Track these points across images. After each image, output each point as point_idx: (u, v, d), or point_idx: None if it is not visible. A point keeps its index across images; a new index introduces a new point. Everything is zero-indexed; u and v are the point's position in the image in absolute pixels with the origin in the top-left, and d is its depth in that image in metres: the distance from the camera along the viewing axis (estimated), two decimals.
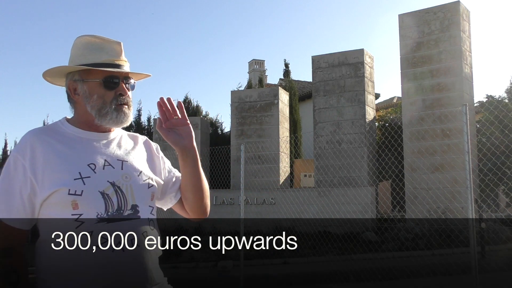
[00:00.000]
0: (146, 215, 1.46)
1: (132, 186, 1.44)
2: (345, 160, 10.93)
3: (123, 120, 1.48)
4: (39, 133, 1.44)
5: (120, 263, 1.36)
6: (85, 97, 1.46)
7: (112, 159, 1.46)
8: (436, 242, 8.52)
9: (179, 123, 1.51)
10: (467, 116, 4.47)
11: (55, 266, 1.36)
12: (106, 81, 1.46)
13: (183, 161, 1.54)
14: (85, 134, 1.48)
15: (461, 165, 9.40)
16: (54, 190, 1.35)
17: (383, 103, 20.56)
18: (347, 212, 10.25)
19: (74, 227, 1.34)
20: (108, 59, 1.47)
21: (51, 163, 1.38)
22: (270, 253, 8.52)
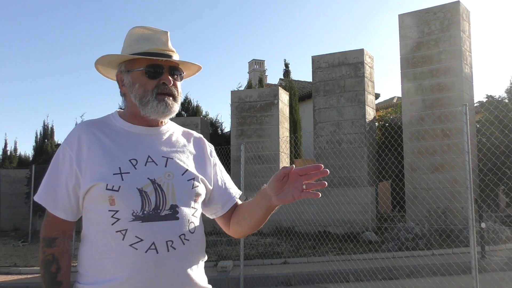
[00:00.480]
0: (186, 216, 1.39)
1: (174, 185, 1.39)
2: (345, 160, 10.93)
3: (164, 110, 1.42)
4: (88, 126, 1.43)
5: (153, 265, 1.31)
6: (129, 87, 1.45)
7: (156, 156, 1.42)
8: (436, 242, 8.52)
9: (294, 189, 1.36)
10: (467, 116, 4.47)
11: (92, 261, 1.35)
12: (148, 69, 1.42)
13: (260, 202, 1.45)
14: (133, 128, 1.45)
15: (461, 165, 9.40)
16: (94, 184, 1.34)
17: (383, 103, 20.56)
18: (347, 212, 10.25)
19: (110, 223, 1.32)
20: (152, 48, 1.44)
21: (94, 156, 1.37)
22: (270, 253, 8.53)
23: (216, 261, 7.65)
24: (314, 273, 6.75)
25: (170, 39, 1.48)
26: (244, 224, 1.57)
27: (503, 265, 6.65)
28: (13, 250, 10.71)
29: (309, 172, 1.34)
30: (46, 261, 1.37)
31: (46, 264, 1.37)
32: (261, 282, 6.66)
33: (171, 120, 1.58)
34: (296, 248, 9.05)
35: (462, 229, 8.57)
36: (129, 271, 1.30)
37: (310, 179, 1.35)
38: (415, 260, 7.10)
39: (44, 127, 19.82)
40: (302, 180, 1.35)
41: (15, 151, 21.24)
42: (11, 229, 15.25)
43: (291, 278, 6.71)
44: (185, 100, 18.44)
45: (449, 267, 6.50)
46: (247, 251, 8.36)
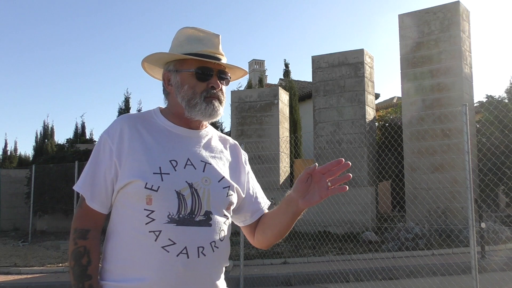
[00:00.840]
0: (218, 224, 1.39)
1: (210, 191, 1.38)
2: (345, 160, 10.92)
3: (211, 113, 1.41)
4: (131, 119, 1.42)
5: (182, 270, 1.30)
6: (176, 88, 1.44)
7: (195, 159, 1.41)
8: (436, 242, 8.52)
9: (320, 188, 1.35)
10: (467, 116, 4.47)
11: (120, 258, 1.33)
12: (198, 71, 1.42)
13: (286, 209, 1.43)
14: (175, 128, 1.44)
15: (461, 165, 9.41)
16: (132, 180, 1.32)
17: (383, 103, 20.55)
18: (347, 212, 10.25)
19: (144, 222, 1.30)
20: (204, 50, 1.43)
21: (135, 151, 1.35)
22: (270, 253, 8.53)
23: None
24: (314, 273, 6.75)
25: (221, 43, 1.47)
26: (269, 232, 1.55)
27: (503, 265, 6.65)
28: (13, 250, 10.70)
29: (332, 168, 1.34)
30: (77, 253, 1.34)
31: (77, 255, 1.34)
32: (261, 282, 6.66)
33: None
34: (296, 248, 9.05)
35: (462, 229, 8.57)
36: (158, 272, 1.29)
37: (334, 175, 1.35)
38: (415, 260, 7.11)
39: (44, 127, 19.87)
40: (325, 178, 1.35)
41: (15, 151, 21.29)
42: (11, 229, 15.25)
43: (291, 278, 6.71)
44: None
45: (449, 267, 6.50)
46: (247, 251, 8.36)
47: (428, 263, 6.77)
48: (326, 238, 9.01)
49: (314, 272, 6.81)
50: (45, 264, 8.46)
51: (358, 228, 10.32)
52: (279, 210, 1.48)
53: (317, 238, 9.07)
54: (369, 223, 10.52)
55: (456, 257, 6.83)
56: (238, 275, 6.45)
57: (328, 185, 1.35)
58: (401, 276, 6.61)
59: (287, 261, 7.81)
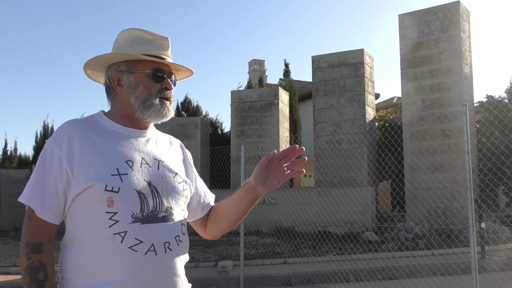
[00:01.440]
0: (179, 218, 1.42)
1: (167, 188, 1.40)
2: (345, 160, 10.93)
3: (165, 113, 1.44)
4: (77, 124, 1.39)
5: (152, 267, 1.31)
6: (130, 88, 1.43)
7: (149, 158, 1.42)
8: (436, 242, 8.52)
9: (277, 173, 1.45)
10: (467, 116, 4.47)
11: (83, 265, 1.30)
12: (154, 73, 1.43)
13: (244, 196, 1.51)
14: (124, 130, 1.44)
15: (461, 165, 9.41)
16: (90, 185, 1.29)
17: (383, 103, 20.55)
18: (347, 212, 10.25)
19: (107, 225, 1.29)
20: (157, 52, 1.45)
21: (88, 156, 1.33)
22: (270, 253, 8.52)
23: (216, 261, 7.65)
24: (314, 273, 6.75)
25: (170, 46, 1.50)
26: (224, 221, 1.60)
27: (503, 265, 6.65)
28: (13, 250, 10.70)
29: (287, 154, 1.44)
30: (33, 268, 1.29)
31: (32, 271, 1.29)
32: (261, 282, 6.65)
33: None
34: (296, 248, 9.05)
35: (462, 229, 8.57)
36: (128, 273, 1.28)
37: (290, 160, 1.45)
38: (415, 260, 7.11)
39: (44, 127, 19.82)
40: (282, 163, 1.45)
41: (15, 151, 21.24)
42: (11, 229, 15.25)
43: (291, 278, 6.71)
44: (185, 100, 18.44)
45: (449, 267, 6.50)
46: (247, 251, 8.36)
47: (428, 263, 6.77)
48: (326, 238, 9.01)
49: (314, 272, 6.81)
50: None
51: (358, 228, 10.32)
52: (236, 198, 1.54)
53: (317, 238, 9.07)
54: (369, 223, 10.52)
55: (456, 257, 6.83)
56: (238, 275, 6.45)
57: (285, 170, 1.45)
58: (401, 276, 6.61)
59: (287, 261, 7.81)
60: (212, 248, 9.26)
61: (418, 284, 6.07)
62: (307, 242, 9.37)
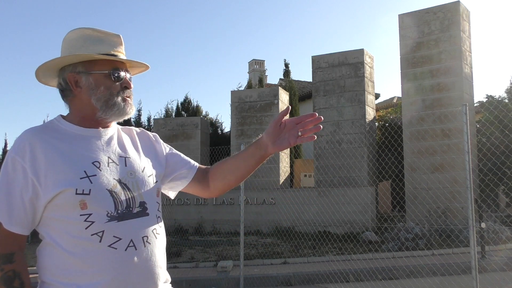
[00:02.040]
0: (154, 211, 1.43)
1: (138, 183, 1.41)
2: (345, 160, 10.93)
3: (128, 111, 1.45)
4: (37, 132, 1.37)
5: (133, 262, 1.32)
6: (90, 89, 1.41)
7: (114, 156, 1.42)
8: (436, 242, 8.52)
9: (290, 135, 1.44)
10: (467, 116, 4.47)
11: (62, 269, 1.31)
12: (113, 73, 1.42)
13: (254, 152, 1.52)
14: (85, 131, 1.43)
15: (461, 165, 9.40)
16: (60, 191, 1.29)
17: (383, 103, 20.55)
18: (347, 212, 10.25)
19: (83, 228, 1.29)
20: (112, 50, 1.44)
21: (53, 162, 1.31)
22: (270, 253, 8.52)
23: (216, 261, 7.64)
24: (314, 273, 6.75)
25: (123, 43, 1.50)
26: (230, 177, 1.61)
27: (503, 265, 6.65)
28: None
29: (305, 120, 1.43)
30: (7, 278, 1.30)
31: (7, 281, 1.30)
32: (261, 282, 6.65)
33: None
34: (296, 248, 9.05)
35: (462, 229, 8.57)
36: (111, 272, 1.29)
37: (306, 127, 1.44)
38: (415, 260, 7.10)
39: None
40: (298, 128, 1.44)
41: None
42: None
43: (291, 278, 6.71)
44: (185, 100, 18.45)
45: (449, 267, 6.50)
46: (247, 251, 8.36)
47: (428, 263, 6.77)
48: (326, 238, 9.01)
49: (314, 272, 6.81)
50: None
51: (358, 228, 10.31)
52: (246, 153, 1.54)
53: (317, 238, 9.07)
54: (369, 223, 10.52)
55: (456, 257, 6.83)
56: (238, 275, 6.45)
57: (298, 134, 1.44)
58: (401, 276, 6.60)
59: (287, 261, 7.81)
60: (212, 248, 9.25)
61: (418, 284, 6.07)
62: (307, 242, 9.37)
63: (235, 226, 11.10)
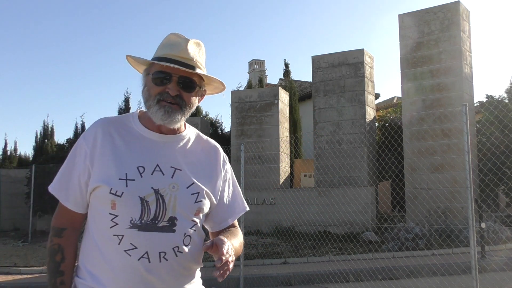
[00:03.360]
0: (183, 229, 1.39)
1: (176, 197, 1.37)
2: (345, 160, 10.93)
3: (162, 117, 1.37)
4: (106, 124, 1.44)
5: (144, 273, 1.33)
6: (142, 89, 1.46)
7: (165, 165, 1.40)
8: (436, 242, 8.52)
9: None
10: (467, 116, 4.47)
11: (89, 257, 1.39)
12: (154, 76, 1.41)
13: None
14: (147, 133, 1.44)
15: (461, 165, 9.40)
16: (98, 185, 1.36)
17: (383, 103, 20.55)
18: (347, 212, 10.25)
19: (109, 226, 1.35)
20: (167, 53, 1.40)
21: (104, 156, 1.38)
22: (270, 253, 8.53)
23: None
24: (314, 273, 6.75)
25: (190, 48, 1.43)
26: None
27: (503, 265, 6.65)
28: (13, 250, 10.70)
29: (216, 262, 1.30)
30: (52, 250, 1.41)
31: (51, 252, 1.41)
32: (261, 282, 6.65)
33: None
34: (296, 248, 9.05)
35: (462, 229, 8.57)
36: (121, 275, 1.33)
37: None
38: (415, 260, 7.11)
39: (44, 127, 19.81)
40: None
41: (15, 151, 21.23)
42: (11, 229, 15.24)
43: (291, 278, 6.71)
44: None
45: (449, 267, 6.50)
46: (247, 251, 8.36)
47: (428, 263, 6.77)
48: (326, 238, 9.01)
49: (314, 272, 6.81)
50: (45, 264, 8.43)
51: (358, 228, 10.31)
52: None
53: (317, 238, 9.07)
54: (369, 223, 10.52)
55: (456, 257, 6.83)
56: (238, 275, 6.45)
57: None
58: (401, 276, 6.60)
59: (287, 261, 7.81)
60: None
61: (418, 284, 6.07)
62: (307, 242, 9.37)
63: None
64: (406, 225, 9.11)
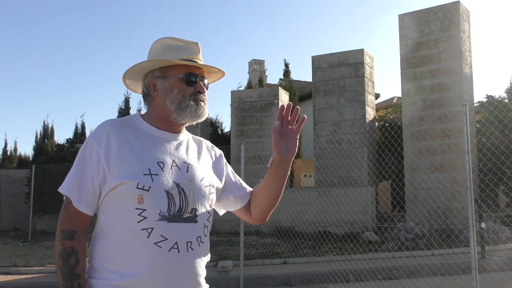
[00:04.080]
0: (203, 220, 1.50)
1: (194, 190, 1.49)
2: (345, 160, 10.93)
3: (201, 114, 1.52)
4: (116, 124, 1.49)
5: (174, 264, 1.39)
6: (165, 92, 1.51)
7: (179, 161, 1.51)
8: (436, 242, 8.52)
9: (290, 135, 1.55)
10: (467, 116, 4.47)
11: (111, 256, 1.40)
12: (187, 77, 1.51)
13: (275, 171, 1.58)
14: (158, 133, 1.53)
15: (461, 165, 9.40)
16: (123, 182, 1.39)
17: (383, 103, 20.54)
18: (347, 212, 10.25)
19: (136, 221, 1.38)
20: (188, 56, 1.53)
21: (123, 155, 1.42)
22: (270, 253, 8.52)
23: (216, 261, 7.65)
24: (314, 273, 6.75)
25: (201, 50, 1.57)
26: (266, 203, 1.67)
27: (503, 265, 6.65)
28: (13, 250, 10.70)
29: (286, 118, 1.54)
30: (65, 253, 1.40)
31: (65, 256, 1.40)
32: (261, 282, 6.65)
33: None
34: (296, 248, 9.05)
35: (462, 229, 8.57)
36: (151, 267, 1.36)
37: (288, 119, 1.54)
38: (415, 260, 7.11)
39: (44, 127, 19.81)
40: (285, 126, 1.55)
41: (15, 151, 21.22)
42: (11, 229, 15.24)
43: (291, 278, 6.71)
44: None
45: (449, 267, 6.50)
46: (247, 251, 8.36)
47: (428, 263, 6.77)
48: (326, 238, 9.01)
49: (314, 272, 6.81)
50: (45, 264, 8.44)
51: (358, 228, 10.31)
52: (269, 178, 1.62)
53: (317, 238, 9.07)
54: (369, 223, 10.52)
55: (456, 257, 6.83)
56: (238, 275, 6.45)
57: (291, 129, 1.55)
58: (401, 276, 6.60)
59: (287, 261, 7.81)
60: (212, 248, 9.23)
61: (418, 284, 6.07)
62: (307, 242, 9.37)
63: (235, 226, 11.10)
64: (406, 225, 9.11)
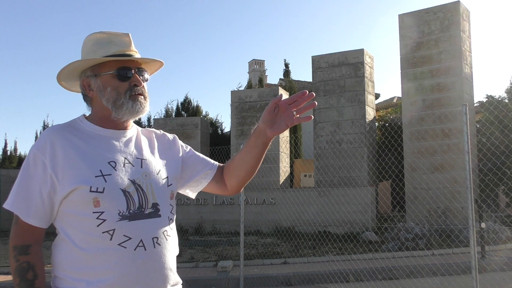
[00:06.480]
0: (166, 214, 1.45)
1: (152, 185, 1.43)
2: (345, 160, 10.93)
3: (139, 109, 1.45)
4: (59, 130, 1.42)
5: (142, 262, 1.35)
6: (99, 91, 1.45)
7: (131, 157, 1.45)
8: (436, 242, 8.52)
9: (286, 118, 1.43)
10: (467, 116, 4.46)
11: (74, 264, 1.34)
12: (119, 72, 1.44)
13: (255, 141, 1.50)
14: (104, 132, 1.47)
15: (461, 165, 9.40)
16: (75, 188, 1.33)
17: (383, 103, 20.55)
18: (347, 212, 10.25)
19: (95, 225, 1.33)
20: (118, 50, 1.46)
21: (71, 160, 1.36)
22: (270, 253, 8.52)
23: (216, 261, 7.64)
24: (314, 273, 6.75)
25: (132, 41, 1.50)
26: (241, 172, 1.61)
27: (503, 265, 6.65)
28: None
29: (297, 99, 1.41)
30: (21, 269, 1.34)
31: (21, 272, 1.34)
32: (261, 282, 6.65)
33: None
34: (296, 248, 9.04)
35: (462, 229, 8.57)
36: (119, 270, 1.32)
37: (299, 105, 1.42)
38: (415, 260, 7.10)
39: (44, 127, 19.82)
40: (291, 108, 1.43)
41: (15, 151, 21.24)
42: None
43: (291, 278, 6.71)
44: (185, 100, 18.45)
45: (449, 267, 6.50)
46: (247, 251, 8.35)
47: (428, 263, 6.77)
48: (326, 238, 9.01)
49: (314, 272, 6.81)
50: (44, 264, 8.44)
51: (358, 228, 10.31)
52: (248, 146, 1.54)
53: (317, 238, 9.07)
54: (369, 223, 10.52)
55: (456, 257, 6.83)
56: (238, 275, 6.45)
57: (294, 114, 1.43)
58: (401, 276, 6.60)
59: (287, 261, 7.81)
60: (212, 248, 9.26)
61: (418, 284, 6.07)
62: (307, 242, 9.36)
63: (235, 226, 11.11)
64: (406, 225, 9.10)
